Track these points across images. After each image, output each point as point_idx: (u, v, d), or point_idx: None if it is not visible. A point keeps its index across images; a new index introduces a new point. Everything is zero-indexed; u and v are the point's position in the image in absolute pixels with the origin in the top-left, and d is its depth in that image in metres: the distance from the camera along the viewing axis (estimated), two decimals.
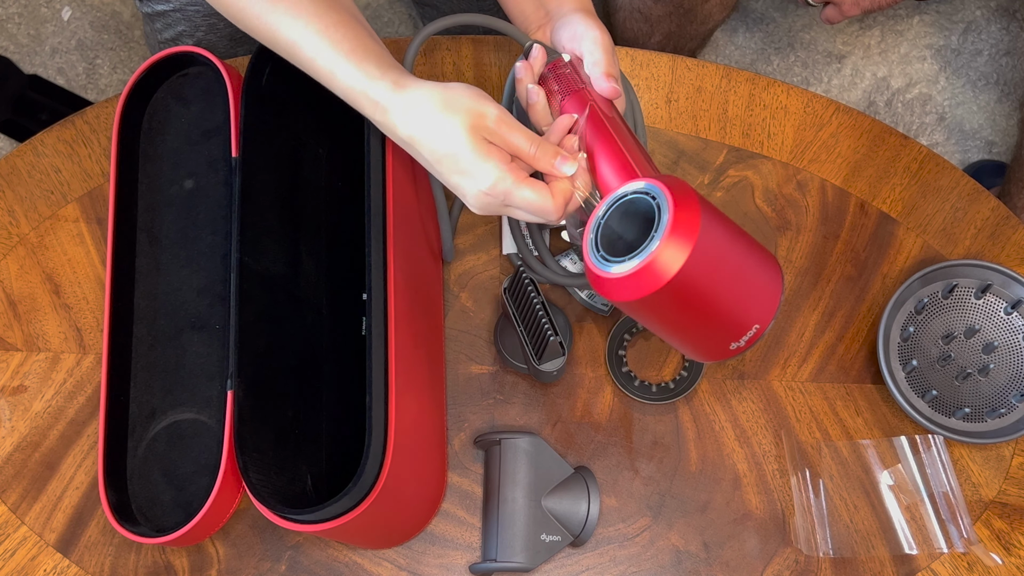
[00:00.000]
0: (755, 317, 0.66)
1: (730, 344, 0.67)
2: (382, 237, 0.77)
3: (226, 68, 0.87)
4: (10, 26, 1.67)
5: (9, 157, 0.96)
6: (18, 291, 0.92)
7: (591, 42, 0.74)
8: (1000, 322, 0.90)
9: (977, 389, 0.89)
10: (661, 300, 0.62)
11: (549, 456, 0.83)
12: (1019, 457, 0.88)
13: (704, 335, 0.67)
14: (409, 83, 0.69)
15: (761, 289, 0.66)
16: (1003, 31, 1.67)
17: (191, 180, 0.90)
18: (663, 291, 0.61)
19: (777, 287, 0.66)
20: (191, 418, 0.85)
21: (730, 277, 0.63)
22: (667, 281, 0.60)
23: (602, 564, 0.85)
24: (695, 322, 0.65)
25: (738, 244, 0.64)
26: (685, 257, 0.60)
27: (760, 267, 0.66)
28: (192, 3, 1.02)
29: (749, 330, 0.66)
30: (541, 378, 0.87)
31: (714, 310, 0.64)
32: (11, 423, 0.88)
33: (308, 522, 0.71)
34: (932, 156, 0.96)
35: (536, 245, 0.90)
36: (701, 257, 0.60)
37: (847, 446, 0.88)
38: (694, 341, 0.68)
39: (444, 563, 0.85)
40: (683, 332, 0.67)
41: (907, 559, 0.85)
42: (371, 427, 0.71)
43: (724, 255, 0.63)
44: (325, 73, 0.71)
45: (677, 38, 1.30)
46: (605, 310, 0.90)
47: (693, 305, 0.63)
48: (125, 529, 0.79)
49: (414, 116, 0.68)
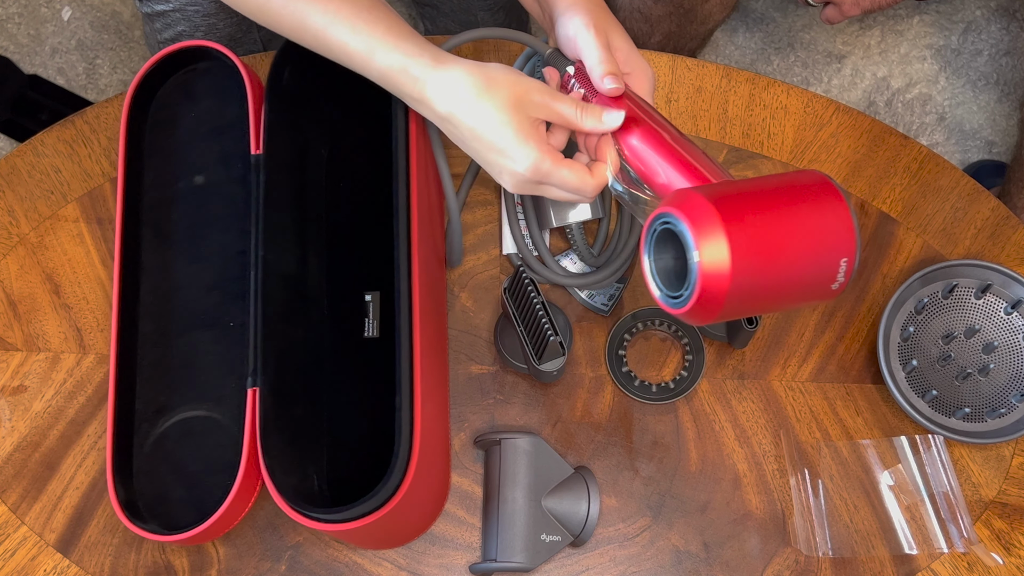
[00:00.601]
0: (837, 256, 0.62)
1: (830, 286, 0.63)
2: (407, 239, 0.78)
3: (243, 65, 0.87)
4: (10, 26, 1.67)
5: (9, 157, 0.96)
6: (18, 291, 0.92)
7: (584, 45, 0.73)
8: (1000, 322, 0.90)
9: (977, 389, 0.89)
10: (737, 305, 0.60)
11: (549, 456, 0.83)
12: (1019, 457, 0.88)
13: (799, 297, 0.64)
14: (448, 60, 0.70)
15: (828, 235, 0.62)
16: (1003, 31, 1.67)
17: (201, 176, 0.90)
18: (729, 302, 0.59)
19: (845, 219, 0.61)
20: (202, 415, 0.85)
21: (788, 250, 0.60)
22: (725, 297, 0.59)
23: (602, 564, 0.85)
24: (784, 296, 0.63)
25: (781, 215, 0.61)
26: (728, 273, 0.58)
27: (816, 216, 0.61)
28: (192, 3, 1.03)
29: (839, 269, 0.62)
30: (541, 378, 0.87)
31: (792, 281, 0.61)
32: (11, 423, 0.88)
33: (334, 522, 0.71)
34: (932, 156, 0.96)
35: (536, 245, 0.90)
36: (744, 261, 0.58)
37: (847, 446, 0.88)
38: (796, 303, 0.65)
39: (444, 563, 0.85)
40: (782, 305, 0.64)
41: (907, 559, 0.85)
42: (399, 430, 0.72)
43: (770, 239, 0.60)
44: (360, 56, 0.71)
45: (677, 38, 1.30)
46: (605, 310, 0.90)
47: (771, 290, 0.61)
48: (136, 526, 0.78)
49: (453, 92, 0.69)
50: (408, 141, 0.80)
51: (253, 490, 0.84)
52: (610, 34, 0.75)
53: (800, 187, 0.62)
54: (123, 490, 0.80)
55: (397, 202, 0.78)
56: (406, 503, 0.74)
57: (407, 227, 0.78)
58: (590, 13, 0.74)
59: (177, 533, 0.78)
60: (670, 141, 0.70)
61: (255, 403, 0.78)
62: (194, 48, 0.88)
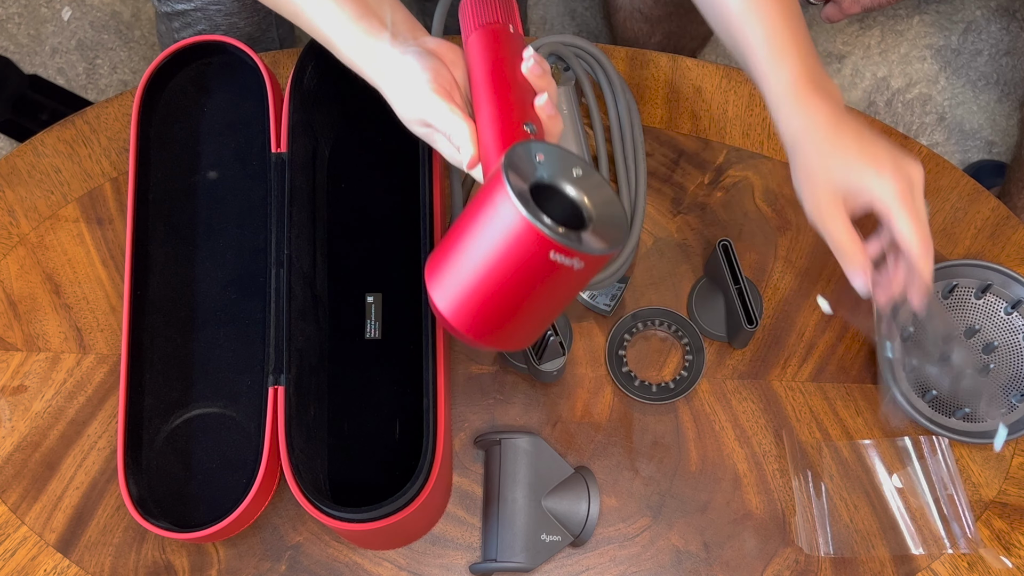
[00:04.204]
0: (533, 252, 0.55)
1: (568, 273, 0.56)
2: (430, 240, 0.79)
3: (262, 63, 0.87)
4: (10, 26, 1.67)
5: (9, 157, 0.96)
6: (18, 291, 0.92)
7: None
8: (1000, 322, 0.90)
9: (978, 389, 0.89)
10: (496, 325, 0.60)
11: (549, 456, 0.83)
12: (1019, 457, 0.88)
13: (549, 295, 0.59)
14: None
15: (507, 239, 0.55)
16: (1003, 31, 1.67)
17: (215, 171, 0.90)
18: (479, 331, 0.60)
19: (514, 215, 0.54)
20: (217, 412, 0.84)
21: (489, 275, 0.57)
22: (468, 334, 0.60)
23: (602, 564, 0.85)
24: (531, 302, 0.58)
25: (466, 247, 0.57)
26: (452, 323, 0.59)
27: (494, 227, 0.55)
28: (214, 3, 1.02)
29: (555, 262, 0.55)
30: (541, 378, 0.87)
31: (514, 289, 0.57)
32: (11, 423, 0.88)
33: (359, 522, 0.72)
34: (932, 156, 0.96)
35: None
36: (456, 308, 0.59)
37: (847, 446, 0.88)
38: (553, 298, 0.61)
39: (444, 563, 0.85)
40: (540, 305, 0.60)
41: (907, 559, 0.85)
42: (427, 431, 0.73)
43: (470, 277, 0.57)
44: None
45: (677, 38, 1.30)
46: (607, 311, 0.90)
47: (511, 305, 0.58)
48: (149, 523, 0.77)
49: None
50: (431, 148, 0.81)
51: (271, 489, 0.84)
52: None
53: (480, 202, 0.57)
54: (135, 486, 0.79)
55: (424, 203, 0.78)
56: (428, 503, 0.75)
57: (430, 228, 0.79)
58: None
59: (189, 531, 0.78)
60: (494, 95, 0.65)
61: (276, 401, 0.78)
62: (207, 42, 0.87)
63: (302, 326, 0.81)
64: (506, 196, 0.53)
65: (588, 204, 0.58)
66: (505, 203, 0.53)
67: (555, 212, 0.56)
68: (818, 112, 0.71)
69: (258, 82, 0.87)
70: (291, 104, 0.84)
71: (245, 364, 0.85)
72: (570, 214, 0.58)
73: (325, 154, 0.91)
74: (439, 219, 0.81)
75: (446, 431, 0.77)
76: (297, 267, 0.82)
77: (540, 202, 0.55)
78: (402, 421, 0.84)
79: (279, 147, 0.84)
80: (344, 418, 0.85)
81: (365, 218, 0.90)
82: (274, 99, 0.86)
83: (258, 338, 0.84)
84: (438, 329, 0.77)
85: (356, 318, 0.87)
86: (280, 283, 0.80)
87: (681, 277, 0.93)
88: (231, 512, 0.78)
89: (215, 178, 0.90)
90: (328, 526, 0.76)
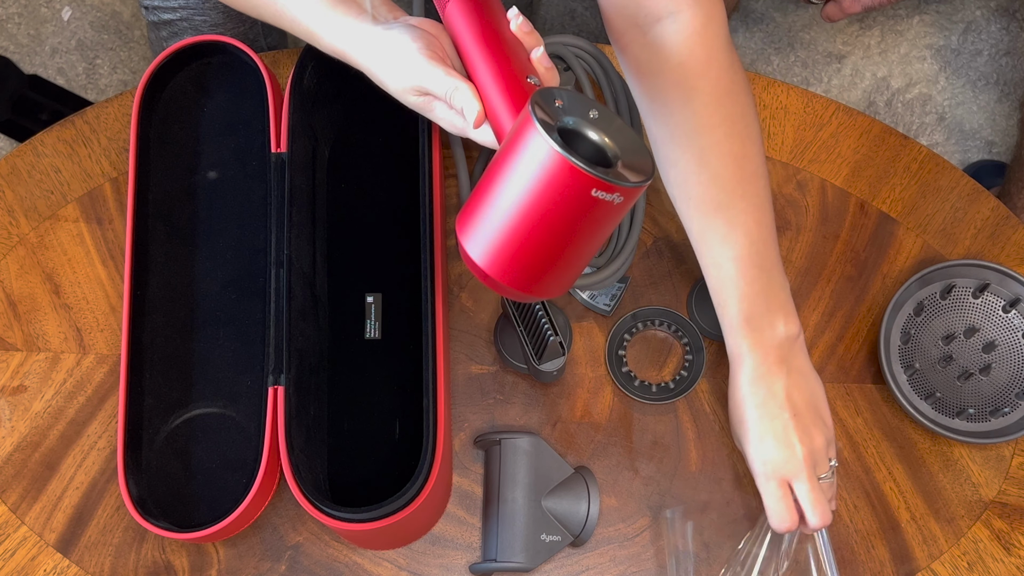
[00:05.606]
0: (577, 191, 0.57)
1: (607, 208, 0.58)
2: (430, 241, 0.79)
3: (262, 62, 0.87)
4: (10, 26, 1.67)
5: (9, 157, 0.96)
6: (18, 291, 0.92)
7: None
8: (999, 320, 0.90)
9: (979, 389, 0.89)
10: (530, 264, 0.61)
11: (549, 456, 0.83)
12: (1019, 457, 0.88)
13: (589, 228, 0.61)
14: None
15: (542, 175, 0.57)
16: (1003, 31, 1.67)
17: (215, 171, 0.90)
18: (513, 274, 0.61)
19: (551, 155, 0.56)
20: (217, 412, 0.84)
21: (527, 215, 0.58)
22: (503, 279, 0.61)
23: (602, 564, 0.85)
24: (571, 239, 0.60)
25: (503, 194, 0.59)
26: (488, 272, 0.60)
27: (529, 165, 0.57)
28: (199, 13, 1.02)
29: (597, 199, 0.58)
30: (541, 378, 0.87)
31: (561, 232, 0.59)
32: (11, 423, 0.88)
33: (360, 521, 0.72)
34: (932, 156, 0.96)
35: None
36: (492, 256, 0.60)
37: (847, 446, 0.88)
38: (592, 232, 0.62)
39: (444, 563, 0.85)
40: (580, 239, 0.61)
41: (907, 559, 0.85)
42: (428, 431, 0.73)
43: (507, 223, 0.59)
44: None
45: None
46: (607, 311, 0.90)
47: (551, 243, 0.60)
48: (149, 523, 0.78)
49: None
50: (431, 144, 0.81)
51: (271, 489, 0.84)
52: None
53: (511, 145, 0.59)
54: (134, 486, 0.79)
55: (424, 203, 0.79)
56: (428, 503, 0.75)
57: (430, 229, 0.79)
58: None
59: (189, 531, 0.78)
60: (487, 54, 0.66)
61: (276, 401, 0.78)
62: (207, 42, 0.88)
63: (302, 326, 0.81)
64: (546, 143, 0.56)
65: (610, 143, 0.61)
66: (545, 149, 0.56)
67: (585, 152, 0.60)
68: (751, 357, 0.79)
69: (258, 82, 0.87)
70: (291, 104, 0.84)
71: (245, 364, 0.85)
72: (597, 153, 0.61)
73: (325, 154, 0.91)
74: (439, 219, 0.81)
75: (446, 431, 0.77)
76: (297, 267, 0.82)
77: (569, 144, 0.58)
78: (402, 421, 0.84)
79: (279, 147, 0.84)
80: (344, 418, 0.85)
81: (365, 218, 0.90)
82: (274, 99, 0.86)
83: (258, 338, 0.85)
84: (438, 329, 0.77)
85: (356, 318, 0.87)
86: (280, 283, 0.80)
87: (681, 277, 0.93)
88: (231, 512, 0.78)
89: (215, 178, 0.90)
90: (328, 526, 0.76)
